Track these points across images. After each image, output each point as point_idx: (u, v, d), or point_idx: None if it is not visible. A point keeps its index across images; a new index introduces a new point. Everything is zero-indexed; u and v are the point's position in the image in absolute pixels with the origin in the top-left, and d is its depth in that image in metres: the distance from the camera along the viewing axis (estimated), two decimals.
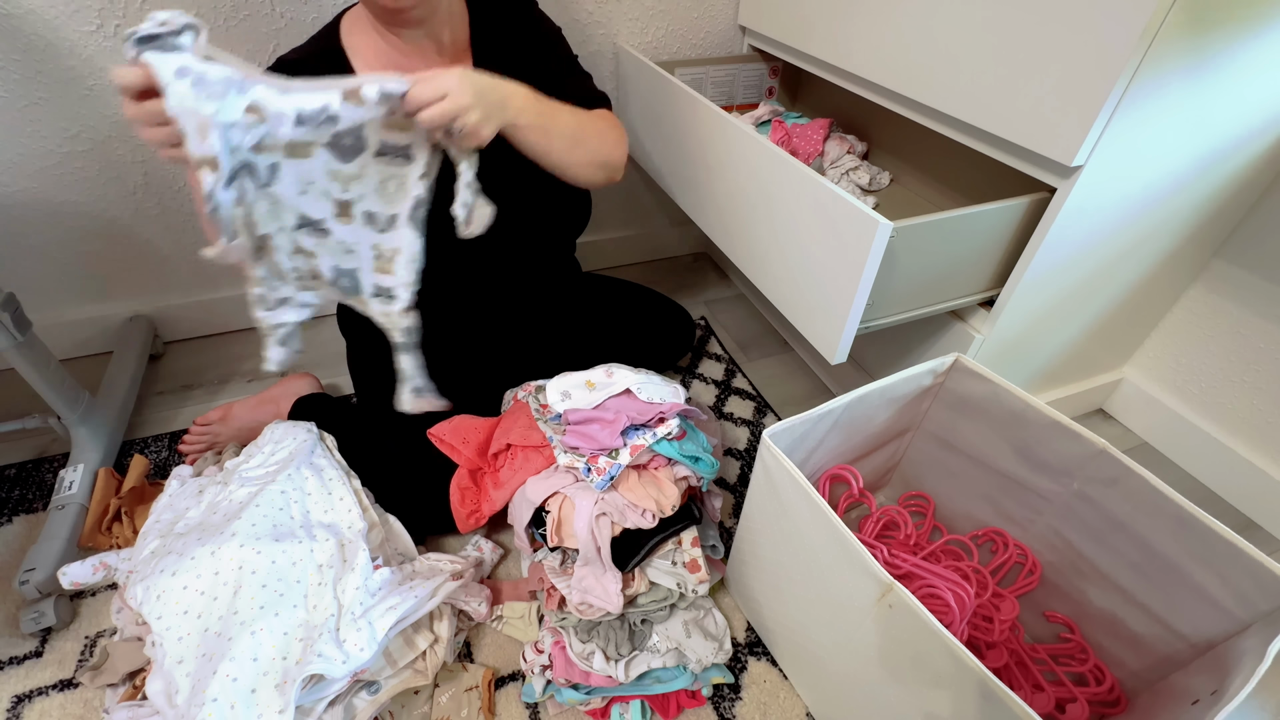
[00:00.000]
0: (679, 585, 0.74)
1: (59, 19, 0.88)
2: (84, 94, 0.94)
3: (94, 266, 1.11)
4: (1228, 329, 1.00)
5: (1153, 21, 0.57)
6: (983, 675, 0.47)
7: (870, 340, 1.05)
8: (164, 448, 1.02)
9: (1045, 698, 0.71)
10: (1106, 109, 0.62)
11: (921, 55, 0.80)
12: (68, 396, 0.91)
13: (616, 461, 0.73)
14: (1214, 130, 0.74)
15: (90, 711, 0.72)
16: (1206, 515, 0.60)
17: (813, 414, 0.69)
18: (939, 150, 1.05)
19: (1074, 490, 0.73)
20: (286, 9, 0.97)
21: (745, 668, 0.79)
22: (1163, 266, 0.92)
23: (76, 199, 1.03)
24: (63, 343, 1.15)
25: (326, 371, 1.16)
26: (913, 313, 0.81)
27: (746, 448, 1.09)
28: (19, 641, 0.77)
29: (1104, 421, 1.18)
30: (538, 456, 0.78)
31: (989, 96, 0.73)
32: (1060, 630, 0.78)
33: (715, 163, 0.94)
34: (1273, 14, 0.65)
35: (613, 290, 1.14)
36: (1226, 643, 0.61)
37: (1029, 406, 0.72)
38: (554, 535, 0.72)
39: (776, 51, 1.16)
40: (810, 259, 0.77)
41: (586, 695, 0.73)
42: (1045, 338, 0.93)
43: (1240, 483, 1.03)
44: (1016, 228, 0.78)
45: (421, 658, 0.72)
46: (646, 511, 0.72)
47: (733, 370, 1.24)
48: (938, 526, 0.91)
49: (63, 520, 0.83)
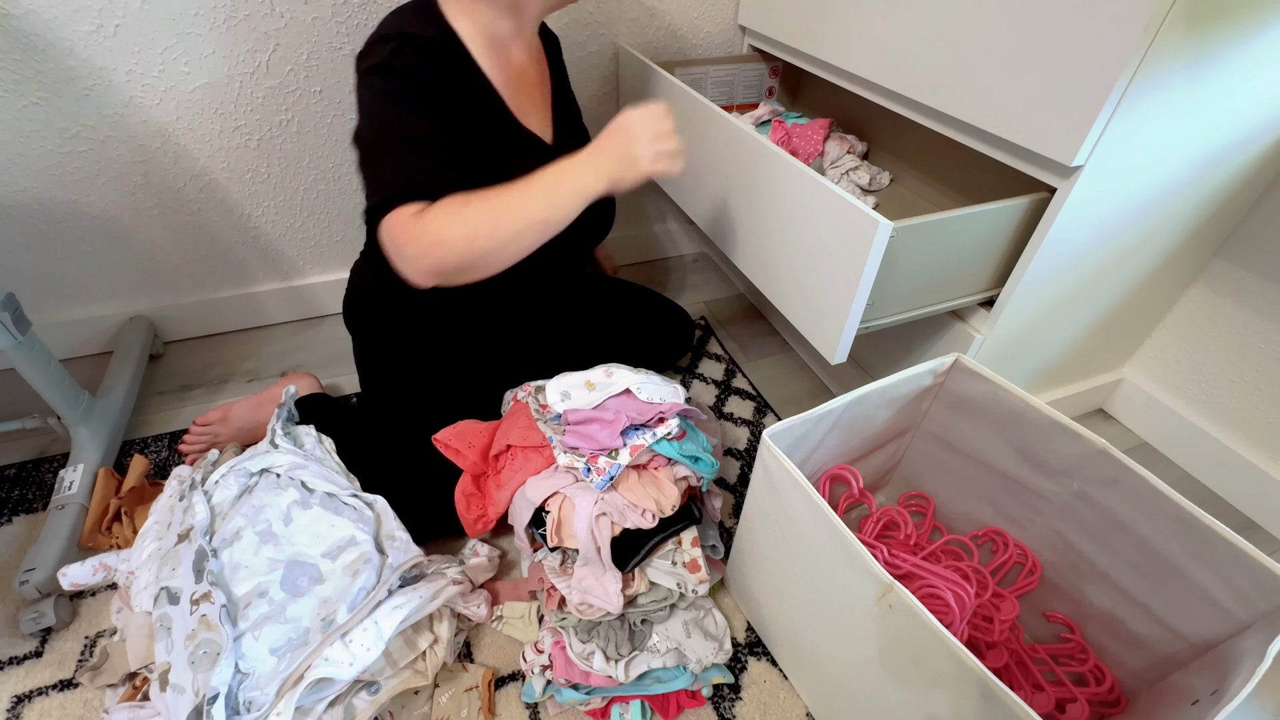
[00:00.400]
0: (679, 585, 0.74)
1: (59, 19, 0.88)
2: (84, 94, 0.94)
3: (94, 266, 1.11)
4: (1228, 329, 1.00)
5: (1153, 21, 0.57)
6: (983, 675, 0.47)
7: (870, 340, 1.05)
8: (164, 448, 1.02)
9: (1045, 698, 0.71)
10: (1107, 109, 0.62)
11: (922, 55, 0.80)
12: (68, 396, 0.91)
13: (616, 462, 0.73)
14: (1214, 130, 0.74)
15: (90, 711, 0.72)
16: (1206, 515, 0.60)
17: (813, 414, 0.69)
18: (939, 150, 1.05)
19: (1074, 490, 0.73)
20: (286, 9, 0.97)
21: (745, 668, 0.79)
22: (1163, 266, 0.92)
23: (76, 199, 1.03)
24: (63, 343, 1.15)
25: (326, 372, 1.16)
26: (913, 313, 0.81)
27: (746, 448, 1.09)
28: (19, 641, 0.77)
29: (1104, 421, 1.18)
30: (537, 457, 0.78)
31: (989, 96, 0.73)
32: (1060, 630, 0.78)
33: (715, 163, 0.94)
34: (1273, 14, 0.65)
35: (613, 290, 1.15)
36: (1226, 643, 0.61)
37: (1029, 406, 0.72)
38: (554, 535, 0.72)
39: (776, 51, 1.16)
40: (810, 259, 0.77)
41: (586, 695, 0.73)
42: (1045, 338, 0.93)
43: (1240, 483, 1.03)
44: (1016, 228, 0.78)
45: (421, 658, 0.72)
46: (646, 511, 0.72)
47: (733, 370, 1.24)
48: (938, 526, 0.91)
49: (63, 520, 0.83)
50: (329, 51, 1.02)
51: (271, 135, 1.07)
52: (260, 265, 1.23)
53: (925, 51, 0.79)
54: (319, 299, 1.30)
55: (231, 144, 1.06)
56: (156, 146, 1.02)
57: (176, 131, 1.02)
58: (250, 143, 1.07)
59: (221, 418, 0.97)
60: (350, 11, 1.00)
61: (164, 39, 0.94)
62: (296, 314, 1.31)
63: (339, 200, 1.20)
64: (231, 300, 1.24)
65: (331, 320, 1.32)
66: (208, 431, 0.96)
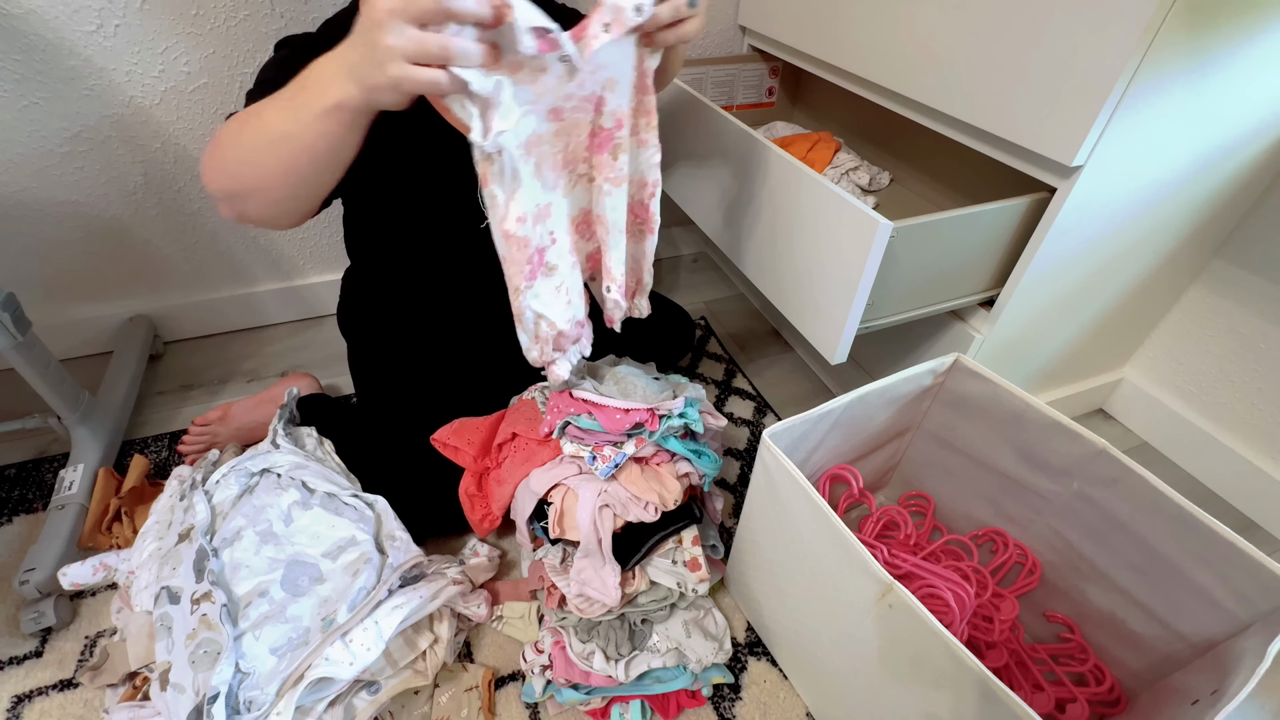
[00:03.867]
0: (679, 585, 0.74)
1: (59, 19, 0.88)
2: (84, 94, 0.94)
3: (94, 266, 1.11)
4: (1228, 329, 1.00)
5: (1153, 21, 0.57)
6: (983, 675, 0.47)
7: (870, 340, 1.05)
8: (164, 448, 1.02)
9: (1045, 698, 0.71)
10: (1107, 109, 0.62)
11: (922, 55, 0.80)
12: (68, 396, 0.91)
13: (622, 450, 0.73)
14: (1214, 130, 0.74)
15: (90, 711, 0.72)
16: (1206, 515, 0.60)
17: (813, 414, 0.69)
18: (939, 150, 1.04)
19: (1074, 490, 0.73)
20: (286, 9, 0.97)
21: (745, 668, 0.79)
22: (1163, 266, 0.92)
23: (76, 199, 1.03)
24: (63, 343, 1.15)
25: (326, 371, 1.16)
26: (913, 313, 0.81)
27: (746, 448, 1.09)
28: (19, 641, 0.77)
29: (1104, 421, 1.18)
30: (541, 450, 0.78)
31: (989, 96, 0.73)
32: (1060, 630, 0.78)
33: (715, 163, 0.94)
34: (1273, 14, 0.65)
35: None
36: (1226, 643, 0.61)
37: (1029, 406, 0.72)
38: (555, 527, 0.72)
39: (777, 51, 1.16)
40: (810, 259, 0.77)
41: (586, 695, 0.73)
42: (1045, 338, 0.93)
43: (1240, 483, 1.03)
44: (1016, 228, 0.78)
45: (421, 658, 0.72)
46: (649, 505, 0.72)
47: (733, 370, 1.24)
48: (938, 526, 0.91)
49: (63, 520, 0.83)
50: None
51: None
52: (260, 265, 1.23)
53: (926, 52, 0.79)
54: (319, 299, 1.30)
55: None
56: (156, 146, 1.02)
57: (176, 131, 1.02)
58: None
59: (221, 417, 0.97)
60: None
61: (164, 39, 0.94)
62: (296, 314, 1.31)
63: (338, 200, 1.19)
64: (231, 300, 1.24)
65: (331, 320, 1.31)
66: (207, 431, 0.96)
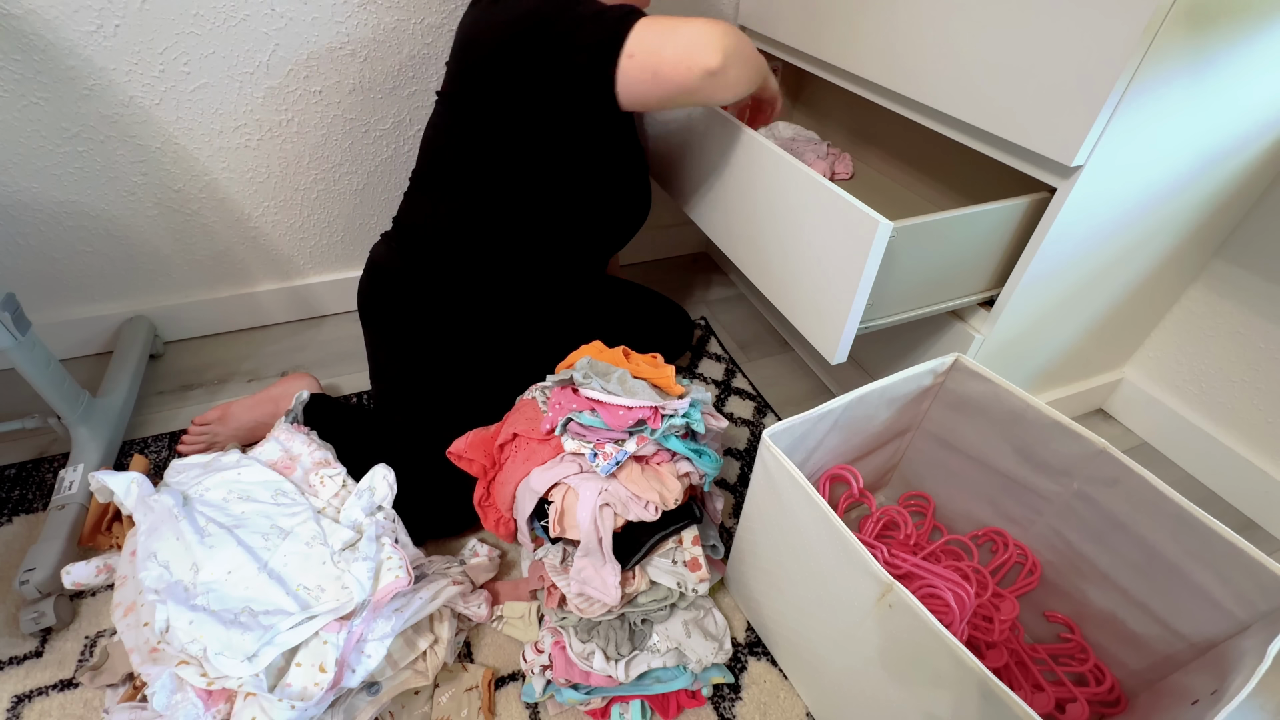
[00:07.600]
0: (679, 584, 0.74)
1: (59, 19, 0.88)
2: (84, 94, 0.94)
3: (94, 266, 1.11)
4: (1228, 329, 1.00)
5: (1153, 21, 0.57)
6: (983, 675, 0.47)
7: (870, 340, 1.05)
8: (164, 448, 1.02)
9: (1045, 698, 0.71)
10: (1107, 109, 0.62)
11: (922, 55, 0.80)
12: (68, 396, 0.91)
13: (623, 448, 0.73)
14: (1214, 130, 0.74)
15: (90, 711, 0.72)
16: (1206, 515, 0.60)
17: (813, 414, 0.69)
18: (939, 150, 1.05)
19: (1074, 490, 0.73)
20: (286, 9, 0.97)
21: (745, 668, 0.79)
22: (1163, 266, 0.92)
23: (76, 199, 1.03)
24: (63, 343, 1.15)
25: (326, 372, 1.16)
26: (913, 313, 0.81)
27: (746, 448, 1.09)
28: (19, 641, 0.77)
29: (1104, 421, 1.18)
30: (541, 449, 0.78)
31: (989, 96, 0.73)
32: (1060, 630, 0.78)
33: (715, 162, 0.94)
34: (1273, 14, 0.65)
35: (613, 290, 1.14)
36: (1226, 643, 0.61)
37: (1029, 406, 0.72)
38: (556, 525, 0.72)
39: (777, 51, 1.15)
40: (810, 259, 0.77)
41: (586, 695, 0.73)
42: (1045, 338, 0.93)
43: (1240, 483, 1.03)
44: (1016, 228, 0.78)
45: (422, 658, 0.72)
46: (650, 504, 0.72)
47: (733, 370, 1.24)
48: (938, 526, 0.91)
49: (63, 520, 0.83)
50: (329, 51, 1.02)
51: (271, 135, 1.07)
52: (260, 265, 1.23)
53: (926, 51, 0.79)
54: (319, 299, 1.30)
55: (231, 144, 1.06)
56: (156, 146, 1.02)
57: (176, 131, 1.02)
58: (250, 143, 1.07)
59: (220, 417, 0.97)
60: (350, 11, 1.00)
61: (164, 39, 0.94)
62: (296, 314, 1.31)
63: (339, 200, 1.20)
64: (231, 300, 1.24)
65: (331, 320, 1.33)
66: (206, 431, 0.96)
